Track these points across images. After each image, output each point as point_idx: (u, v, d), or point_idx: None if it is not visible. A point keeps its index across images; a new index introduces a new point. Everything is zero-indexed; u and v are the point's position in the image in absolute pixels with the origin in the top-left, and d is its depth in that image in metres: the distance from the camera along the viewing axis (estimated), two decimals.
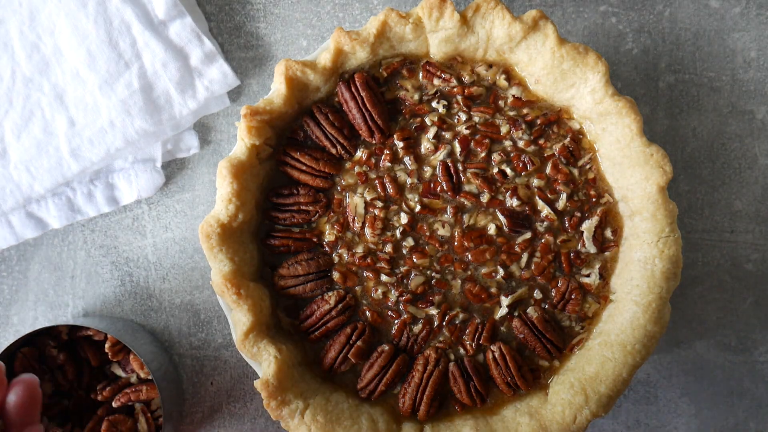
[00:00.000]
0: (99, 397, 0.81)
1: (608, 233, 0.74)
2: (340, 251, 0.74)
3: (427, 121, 0.75)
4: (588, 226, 0.74)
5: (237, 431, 0.87)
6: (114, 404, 0.81)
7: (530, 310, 0.74)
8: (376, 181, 0.74)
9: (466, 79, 0.75)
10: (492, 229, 0.74)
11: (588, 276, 0.74)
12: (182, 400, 0.86)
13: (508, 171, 0.75)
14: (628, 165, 0.72)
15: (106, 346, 0.80)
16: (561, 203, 0.74)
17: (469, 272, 0.74)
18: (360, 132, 0.74)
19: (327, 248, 0.75)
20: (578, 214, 0.74)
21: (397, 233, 0.74)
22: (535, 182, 0.75)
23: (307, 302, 0.74)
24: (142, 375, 0.81)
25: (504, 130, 0.75)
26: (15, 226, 0.84)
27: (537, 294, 0.74)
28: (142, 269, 0.86)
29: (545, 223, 0.74)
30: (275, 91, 0.72)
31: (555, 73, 0.72)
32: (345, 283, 0.74)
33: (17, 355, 0.80)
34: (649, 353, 0.70)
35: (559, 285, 0.74)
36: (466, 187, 0.74)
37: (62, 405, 0.83)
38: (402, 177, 0.75)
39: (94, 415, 0.82)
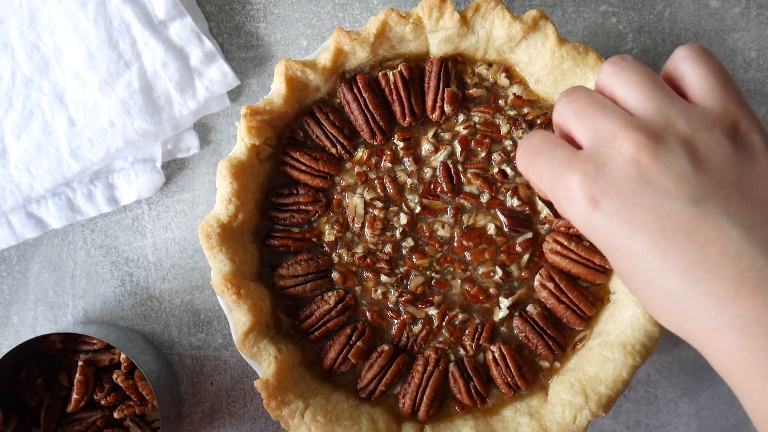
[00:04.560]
0: (103, 402, 0.82)
1: None
2: (339, 251, 0.74)
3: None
4: None
5: (237, 431, 0.87)
6: (116, 415, 0.81)
7: (530, 308, 0.74)
8: (376, 182, 0.74)
9: (468, 81, 0.75)
10: (492, 229, 0.74)
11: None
12: (179, 403, 0.85)
13: (509, 171, 0.75)
14: None
15: (122, 357, 0.82)
16: None
17: (469, 273, 0.74)
18: (362, 133, 0.74)
19: (327, 248, 0.75)
20: None
21: (397, 234, 0.74)
22: None
23: (307, 302, 0.74)
24: (140, 386, 0.81)
25: (504, 129, 0.75)
26: (15, 226, 0.84)
27: (536, 294, 0.74)
28: (142, 269, 0.86)
29: (546, 225, 0.74)
30: (275, 91, 0.72)
31: (555, 73, 0.72)
32: (345, 284, 0.74)
33: (25, 365, 0.82)
34: (649, 353, 0.70)
35: None
36: (467, 188, 0.74)
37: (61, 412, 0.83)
38: (402, 177, 0.75)
39: (93, 426, 0.82)
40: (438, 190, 0.74)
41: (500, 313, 0.73)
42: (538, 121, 0.75)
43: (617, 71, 0.56)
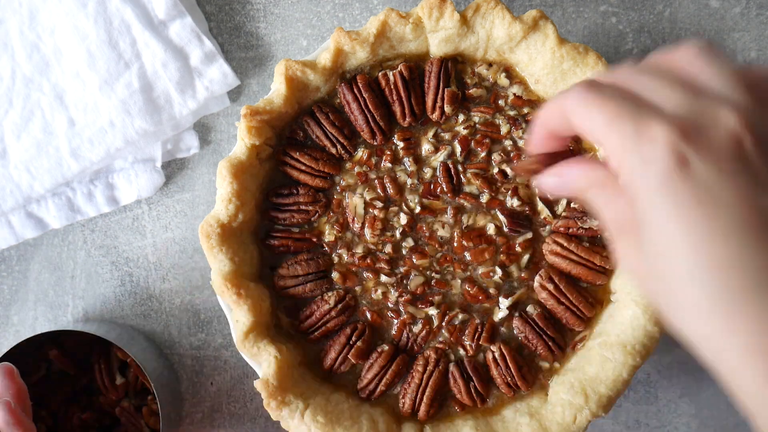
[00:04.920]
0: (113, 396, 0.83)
1: (606, 234, 0.74)
2: (339, 251, 0.74)
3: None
4: (587, 227, 0.74)
5: (237, 431, 0.87)
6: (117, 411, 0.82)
7: (529, 308, 0.74)
8: (376, 182, 0.74)
9: (468, 81, 0.75)
10: (491, 229, 0.74)
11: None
12: (180, 403, 0.86)
13: (509, 171, 0.75)
14: None
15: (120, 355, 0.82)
16: (560, 208, 0.74)
17: (468, 273, 0.74)
18: (362, 133, 0.74)
19: (327, 248, 0.75)
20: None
21: (397, 234, 0.74)
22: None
23: (307, 302, 0.74)
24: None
25: (504, 129, 0.75)
26: (15, 226, 0.84)
27: (535, 294, 0.74)
28: (142, 269, 0.86)
29: (547, 227, 0.74)
30: (275, 91, 0.72)
31: (555, 73, 0.72)
32: (345, 284, 0.74)
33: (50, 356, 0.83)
34: (649, 353, 0.70)
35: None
36: (467, 188, 0.74)
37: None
38: (402, 177, 0.75)
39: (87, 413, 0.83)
40: (438, 190, 0.74)
41: (500, 314, 0.73)
42: None
43: (710, 57, 0.48)
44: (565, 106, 0.50)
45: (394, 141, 0.75)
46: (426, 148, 0.75)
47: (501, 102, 0.75)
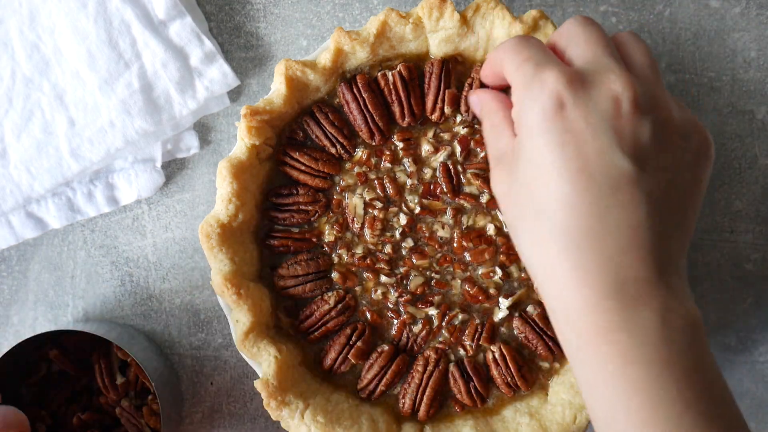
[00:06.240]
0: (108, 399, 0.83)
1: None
2: (339, 251, 0.74)
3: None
4: None
5: (237, 431, 0.87)
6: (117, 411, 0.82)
7: (530, 308, 0.74)
8: (376, 182, 0.74)
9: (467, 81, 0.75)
10: (491, 230, 0.74)
11: None
12: (181, 402, 0.86)
13: None
14: None
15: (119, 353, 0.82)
16: None
17: (468, 273, 0.74)
18: (360, 133, 0.74)
19: (326, 248, 0.75)
20: None
21: (397, 234, 0.74)
22: None
23: (307, 302, 0.75)
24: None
25: None
26: (15, 226, 0.84)
27: (536, 294, 0.74)
28: (142, 269, 0.86)
29: None
30: (275, 91, 0.72)
31: None
32: (344, 284, 0.74)
33: (49, 355, 0.83)
34: None
35: None
36: (467, 189, 0.74)
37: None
38: (402, 178, 0.75)
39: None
40: (438, 191, 0.74)
41: (500, 314, 0.74)
42: None
43: (570, 29, 0.58)
44: (498, 53, 0.59)
45: (394, 141, 0.75)
46: (426, 148, 0.75)
47: None
